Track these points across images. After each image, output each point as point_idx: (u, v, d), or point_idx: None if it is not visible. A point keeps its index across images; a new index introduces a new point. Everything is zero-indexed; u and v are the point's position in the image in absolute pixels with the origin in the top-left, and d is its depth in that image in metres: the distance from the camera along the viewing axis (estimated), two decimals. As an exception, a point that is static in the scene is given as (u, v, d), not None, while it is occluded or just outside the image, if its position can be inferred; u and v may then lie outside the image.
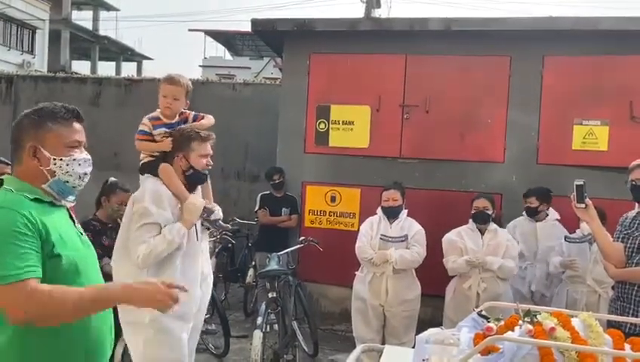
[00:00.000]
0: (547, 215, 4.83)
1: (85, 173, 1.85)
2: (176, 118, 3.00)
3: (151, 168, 2.88)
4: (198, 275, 2.88)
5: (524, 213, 4.92)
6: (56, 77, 9.35)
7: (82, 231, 1.90)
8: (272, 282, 4.29)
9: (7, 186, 1.73)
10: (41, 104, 1.83)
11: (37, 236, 1.64)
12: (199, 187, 3.01)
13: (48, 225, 1.68)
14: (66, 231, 1.76)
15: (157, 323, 2.67)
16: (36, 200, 1.73)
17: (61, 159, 1.77)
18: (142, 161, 2.95)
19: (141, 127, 2.96)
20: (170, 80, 3.01)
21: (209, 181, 3.09)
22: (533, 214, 4.82)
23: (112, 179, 4.03)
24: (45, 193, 1.78)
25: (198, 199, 2.89)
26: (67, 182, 1.80)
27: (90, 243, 1.91)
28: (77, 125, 1.84)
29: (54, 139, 1.77)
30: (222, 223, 3.07)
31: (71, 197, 1.87)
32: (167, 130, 2.94)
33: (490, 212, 4.28)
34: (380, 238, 4.32)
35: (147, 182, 2.85)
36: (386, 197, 4.37)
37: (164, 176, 2.83)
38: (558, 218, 4.83)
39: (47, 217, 1.71)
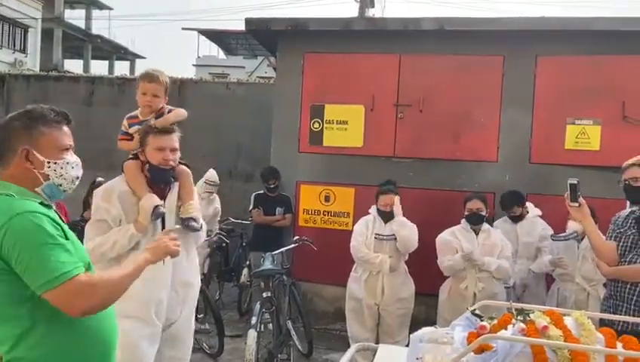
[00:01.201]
0: (527, 212, 4.83)
1: (77, 177, 1.86)
2: (152, 115, 2.91)
3: None
4: (164, 279, 2.71)
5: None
6: (48, 76, 9.31)
7: (72, 233, 1.91)
8: (267, 282, 4.28)
9: (3, 191, 1.70)
10: (29, 106, 1.82)
11: (63, 235, 1.69)
12: (176, 184, 2.85)
13: (63, 226, 1.73)
14: (68, 231, 1.79)
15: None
16: (41, 204, 1.73)
17: (55, 162, 1.78)
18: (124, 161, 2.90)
19: (122, 128, 2.94)
20: (150, 77, 2.93)
21: (189, 178, 2.92)
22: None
23: (99, 179, 4.00)
24: (39, 196, 1.78)
25: (148, 200, 2.68)
26: (60, 185, 1.81)
27: (78, 241, 1.92)
28: (66, 128, 1.85)
29: (48, 142, 1.77)
30: (192, 223, 2.79)
31: (59, 199, 1.90)
32: (139, 128, 2.87)
33: (484, 213, 4.29)
34: (375, 237, 4.33)
35: (114, 178, 2.82)
36: (384, 202, 4.37)
37: (125, 173, 2.77)
38: (539, 214, 4.84)
39: (55, 218, 1.73)
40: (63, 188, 1.82)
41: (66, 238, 1.71)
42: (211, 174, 5.99)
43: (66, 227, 1.79)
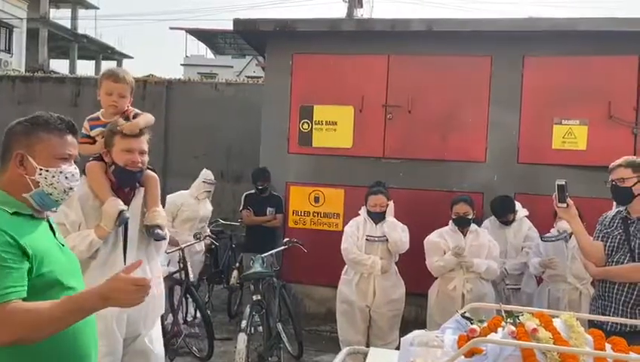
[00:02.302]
0: (515, 214, 4.84)
1: (71, 188, 1.80)
2: (115, 116, 2.74)
3: None
4: None
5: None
6: (34, 77, 9.20)
7: (63, 242, 1.86)
8: (256, 284, 4.27)
9: None
10: (37, 113, 1.78)
11: (20, 253, 1.60)
12: (141, 189, 2.69)
13: (27, 243, 1.63)
14: (45, 246, 1.71)
15: None
16: (16, 213, 1.68)
17: (47, 170, 1.73)
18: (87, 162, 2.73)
19: (83, 131, 2.76)
20: (115, 77, 2.79)
21: (156, 183, 2.77)
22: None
23: None
24: (27, 204, 1.73)
25: (112, 204, 2.52)
26: (51, 194, 1.75)
27: (71, 252, 1.88)
28: (70, 138, 1.80)
29: (44, 149, 1.73)
30: (157, 231, 2.63)
31: (54, 209, 1.83)
32: (103, 130, 2.73)
33: (470, 216, 4.31)
34: (366, 239, 4.33)
35: None
36: (374, 202, 4.37)
37: (87, 175, 2.60)
38: (526, 214, 4.88)
39: (26, 233, 1.65)
40: (54, 197, 1.76)
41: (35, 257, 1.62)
42: (207, 173, 5.91)
43: (45, 241, 1.73)
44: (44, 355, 1.67)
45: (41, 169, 1.72)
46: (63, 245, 1.84)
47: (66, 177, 1.77)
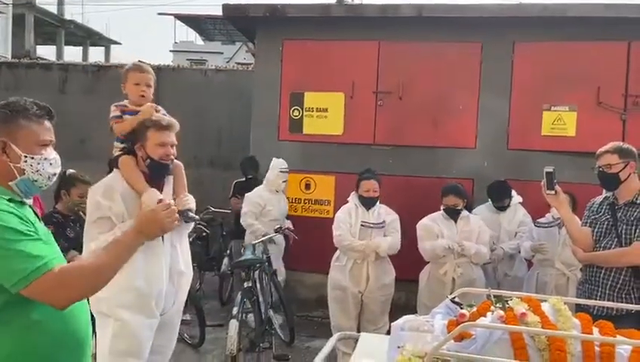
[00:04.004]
0: (511, 199, 4.88)
1: (55, 174, 1.82)
2: (140, 106, 2.93)
3: (117, 162, 2.83)
4: (162, 271, 2.78)
5: (489, 201, 4.97)
6: (20, 63, 9.06)
7: (46, 228, 1.86)
8: (248, 271, 4.27)
9: None
10: (11, 98, 1.77)
11: (33, 230, 1.66)
12: (170, 178, 2.90)
13: (35, 225, 1.68)
14: (43, 230, 1.75)
15: (116, 316, 2.67)
16: (11, 200, 1.68)
17: (32, 157, 1.73)
18: (111, 158, 2.89)
19: (113, 114, 2.91)
20: (140, 68, 3.01)
21: (182, 171, 2.98)
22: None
23: (71, 171, 3.88)
24: (12, 192, 1.73)
25: (151, 195, 2.71)
26: (36, 181, 1.75)
27: (53, 238, 1.88)
28: (48, 123, 1.80)
29: (26, 137, 1.73)
30: (190, 214, 2.88)
31: (32, 195, 1.84)
32: (130, 117, 2.89)
33: (459, 207, 4.32)
34: (362, 225, 4.34)
35: (109, 175, 2.81)
36: (367, 187, 4.36)
37: (121, 169, 2.78)
38: (521, 201, 4.91)
39: (28, 217, 1.68)
40: (39, 184, 1.77)
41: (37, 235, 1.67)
42: (280, 162, 5.59)
43: (39, 224, 1.75)
44: (44, 341, 1.68)
45: (25, 156, 1.71)
46: (47, 231, 1.84)
47: (50, 163, 1.78)
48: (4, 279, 1.57)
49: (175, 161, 2.90)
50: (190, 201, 2.90)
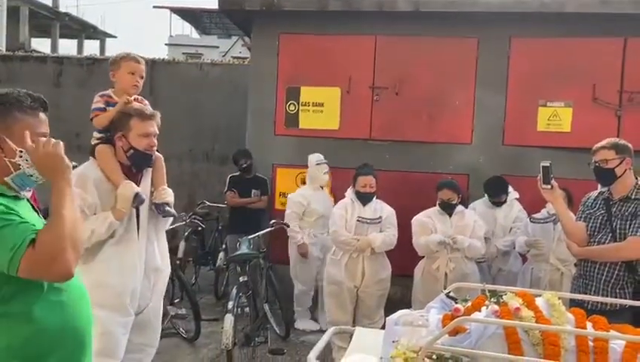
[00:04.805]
0: (507, 195, 4.90)
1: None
2: (125, 97, 2.83)
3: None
4: (136, 267, 2.70)
5: (485, 196, 4.98)
6: (14, 56, 8.98)
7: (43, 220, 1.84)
8: (243, 266, 4.27)
9: None
10: (3, 90, 1.73)
11: (18, 216, 1.62)
12: (149, 170, 2.82)
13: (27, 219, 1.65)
14: (39, 224, 1.71)
15: None
16: (2, 195, 1.65)
17: (28, 152, 1.69)
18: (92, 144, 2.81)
19: (96, 105, 2.82)
20: (135, 58, 2.94)
21: (162, 163, 2.90)
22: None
23: (72, 163, 3.86)
24: (7, 187, 1.70)
25: (127, 187, 2.63)
26: (32, 175, 1.71)
27: None
28: (43, 116, 1.76)
29: (21, 130, 1.68)
30: (167, 208, 2.79)
31: (29, 189, 1.80)
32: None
33: (454, 202, 4.34)
34: (358, 220, 4.34)
35: (84, 163, 2.75)
36: (363, 183, 4.37)
37: (98, 159, 2.69)
38: (517, 197, 4.93)
39: (21, 213, 1.65)
40: (35, 178, 1.72)
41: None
42: (316, 156, 5.43)
43: (34, 215, 1.73)
44: (43, 335, 1.67)
45: (21, 151, 1.67)
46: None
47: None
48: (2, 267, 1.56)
49: (156, 153, 2.83)
50: (168, 195, 2.83)
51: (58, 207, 1.65)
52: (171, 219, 2.96)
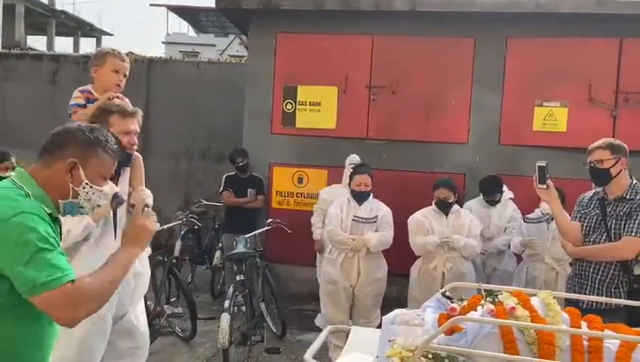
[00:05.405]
0: (502, 194, 4.91)
1: (99, 206, 1.84)
2: (108, 95, 2.78)
3: None
4: None
5: (480, 195, 4.99)
6: (10, 54, 8.95)
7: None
8: (239, 265, 4.27)
9: (22, 185, 1.65)
10: (96, 126, 1.86)
11: (57, 242, 1.65)
12: (127, 169, 2.72)
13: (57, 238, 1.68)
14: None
15: None
16: (49, 215, 1.67)
17: (91, 186, 1.76)
18: None
19: (76, 101, 2.76)
20: (120, 56, 2.87)
21: (141, 163, 2.81)
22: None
23: None
24: (56, 207, 1.74)
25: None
26: (82, 207, 1.78)
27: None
28: (116, 161, 1.87)
29: (96, 166, 1.77)
30: (147, 210, 2.79)
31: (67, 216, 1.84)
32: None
33: (451, 200, 4.34)
34: (353, 220, 4.34)
35: None
36: (359, 181, 4.37)
37: None
38: (511, 196, 4.95)
39: (56, 236, 1.68)
40: (83, 211, 1.80)
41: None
42: (352, 157, 5.27)
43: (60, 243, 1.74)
44: (25, 342, 1.67)
45: (86, 183, 1.74)
46: None
47: (100, 196, 1.81)
48: (22, 283, 1.55)
49: (135, 152, 2.75)
50: (147, 196, 2.72)
51: (116, 266, 1.76)
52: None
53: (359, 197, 4.38)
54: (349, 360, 2.03)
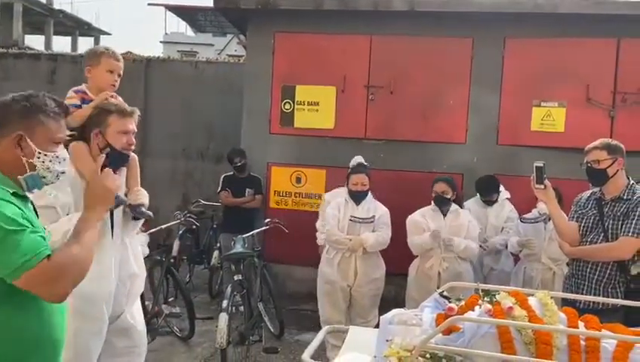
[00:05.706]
0: (499, 194, 4.92)
1: (63, 172, 1.81)
2: (105, 95, 2.74)
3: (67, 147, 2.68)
4: (110, 270, 2.59)
5: (477, 195, 5.00)
6: (8, 53, 8.93)
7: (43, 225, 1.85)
8: (237, 264, 4.27)
9: None
10: (30, 92, 1.76)
11: (31, 223, 1.64)
12: (123, 170, 2.68)
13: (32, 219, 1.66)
14: (42, 228, 1.73)
15: None
16: (14, 194, 1.66)
17: (45, 154, 1.72)
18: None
19: (71, 101, 2.70)
20: (115, 55, 2.82)
21: (137, 163, 2.80)
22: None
23: None
24: (18, 185, 1.71)
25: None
26: (44, 177, 1.74)
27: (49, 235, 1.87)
28: (63, 121, 1.80)
29: (43, 133, 1.72)
30: (142, 209, 2.69)
31: (36, 190, 1.81)
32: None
33: (449, 196, 4.35)
34: (350, 220, 4.34)
35: None
36: (355, 181, 4.37)
37: (75, 157, 2.51)
38: (508, 197, 4.95)
39: (27, 213, 1.66)
40: (47, 180, 1.76)
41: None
42: (357, 158, 5.19)
43: (37, 220, 1.73)
44: (23, 342, 1.67)
45: (39, 152, 1.71)
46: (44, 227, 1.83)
47: (60, 162, 1.78)
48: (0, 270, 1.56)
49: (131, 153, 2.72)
50: (143, 196, 2.73)
51: (82, 232, 1.73)
52: (141, 222, 2.85)
53: (356, 197, 4.38)
54: (346, 359, 2.03)
